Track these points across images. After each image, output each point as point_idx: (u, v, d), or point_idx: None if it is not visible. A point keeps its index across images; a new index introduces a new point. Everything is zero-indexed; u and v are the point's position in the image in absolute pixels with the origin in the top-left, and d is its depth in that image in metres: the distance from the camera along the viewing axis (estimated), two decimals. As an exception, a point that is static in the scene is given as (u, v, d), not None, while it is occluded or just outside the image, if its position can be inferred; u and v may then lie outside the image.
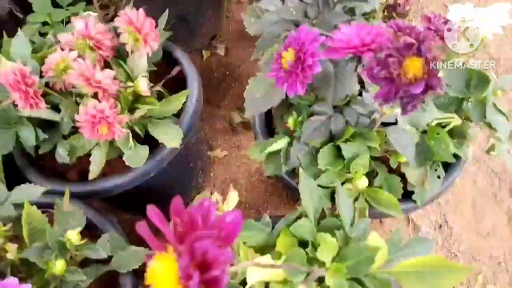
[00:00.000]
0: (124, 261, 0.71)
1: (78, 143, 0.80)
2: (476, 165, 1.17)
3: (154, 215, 0.33)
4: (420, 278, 0.52)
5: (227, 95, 1.33)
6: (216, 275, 0.29)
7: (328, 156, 0.67)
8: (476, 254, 1.04)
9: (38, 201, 0.68)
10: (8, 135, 0.77)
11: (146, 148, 0.79)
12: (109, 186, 0.81)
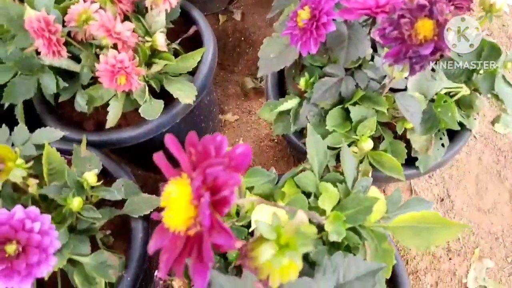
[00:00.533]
0: (136, 207, 0.75)
1: (96, 94, 0.83)
2: (483, 143, 1.18)
3: (171, 143, 0.35)
4: (416, 233, 0.55)
5: (241, 61, 1.35)
6: (226, 195, 0.32)
7: (337, 118, 0.70)
8: (475, 228, 1.06)
9: (57, 148, 0.71)
10: (30, 81, 0.80)
11: (161, 102, 0.82)
12: (124, 137, 0.84)
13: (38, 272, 0.53)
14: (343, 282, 0.50)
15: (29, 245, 0.53)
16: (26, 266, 0.52)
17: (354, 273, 0.51)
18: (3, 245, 0.52)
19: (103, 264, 0.68)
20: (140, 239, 0.75)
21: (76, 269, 0.67)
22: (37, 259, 0.53)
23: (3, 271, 0.52)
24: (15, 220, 0.53)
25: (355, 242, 0.54)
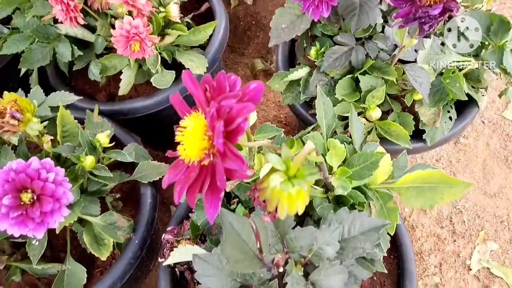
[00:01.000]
0: (146, 173, 0.76)
1: (110, 63, 0.84)
2: (492, 129, 1.18)
3: (188, 78, 0.37)
4: (420, 193, 0.55)
5: (251, 44, 1.36)
6: (239, 122, 0.33)
7: (346, 87, 0.71)
8: (480, 212, 1.07)
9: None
10: (46, 49, 0.82)
11: (173, 73, 0.83)
12: (135, 106, 0.86)
13: (51, 221, 0.55)
14: (347, 237, 0.52)
15: (44, 194, 0.55)
16: (40, 214, 0.54)
17: (358, 229, 0.52)
18: (19, 193, 0.54)
19: (112, 225, 0.70)
20: (149, 204, 0.76)
21: (85, 229, 0.69)
22: (51, 208, 0.54)
23: (18, 218, 0.53)
24: (31, 169, 0.54)
25: (361, 201, 0.55)
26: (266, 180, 0.36)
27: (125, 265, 0.71)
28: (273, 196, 0.36)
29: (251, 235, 0.44)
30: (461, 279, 0.98)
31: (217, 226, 0.63)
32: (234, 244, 0.42)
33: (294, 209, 0.36)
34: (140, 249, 0.73)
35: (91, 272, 0.73)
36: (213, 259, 0.47)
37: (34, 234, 0.55)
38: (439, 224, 1.05)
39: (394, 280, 0.70)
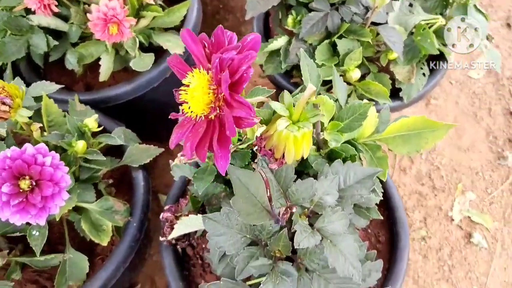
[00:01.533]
0: (136, 157, 0.77)
1: (86, 51, 0.84)
2: (459, 88, 1.24)
3: (188, 35, 0.38)
4: (406, 140, 0.59)
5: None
6: (243, 70, 0.35)
7: (325, 52, 0.73)
8: (456, 166, 1.12)
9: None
10: (20, 41, 0.80)
11: (152, 55, 0.83)
12: (117, 93, 0.86)
13: (52, 206, 0.55)
14: (344, 187, 0.54)
15: (42, 179, 0.54)
16: (41, 199, 0.54)
17: (353, 178, 0.54)
18: (17, 181, 0.54)
19: (109, 210, 0.70)
20: (142, 187, 0.77)
21: (83, 217, 0.69)
22: (51, 192, 0.54)
23: (19, 205, 0.53)
24: (27, 155, 0.54)
25: (352, 153, 0.58)
26: (272, 127, 0.38)
27: (126, 249, 0.71)
28: (280, 141, 0.38)
29: (259, 189, 0.46)
30: (445, 230, 1.04)
31: (216, 196, 0.65)
32: (244, 198, 0.44)
33: (300, 152, 0.38)
34: (139, 231, 0.73)
35: (92, 260, 0.73)
36: (222, 218, 0.48)
37: (36, 220, 0.55)
38: (419, 181, 1.10)
39: (387, 230, 0.74)
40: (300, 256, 0.50)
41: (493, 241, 1.02)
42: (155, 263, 1.01)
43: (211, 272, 0.72)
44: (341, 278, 0.48)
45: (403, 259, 0.68)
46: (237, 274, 0.49)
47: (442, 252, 1.01)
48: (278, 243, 0.48)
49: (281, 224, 0.48)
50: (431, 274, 0.98)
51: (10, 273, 0.68)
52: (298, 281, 0.48)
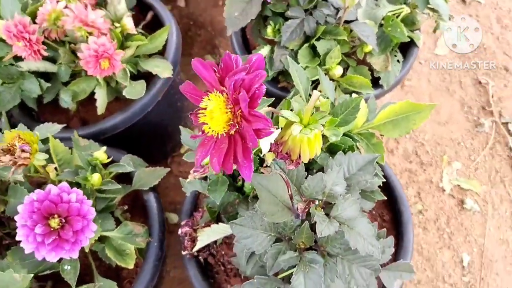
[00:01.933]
0: (145, 180, 0.80)
1: (79, 88, 0.87)
2: (427, 66, 1.32)
3: (199, 63, 0.42)
4: (396, 124, 0.65)
5: (196, 43, 1.41)
6: (256, 87, 0.39)
7: (306, 55, 0.78)
8: (439, 139, 1.20)
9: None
10: (13, 89, 0.83)
11: (143, 82, 0.87)
12: (114, 123, 0.89)
13: (83, 239, 0.59)
14: (348, 176, 0.59)
15: (71, 215, 0.58)
16: (73, 234, 0.57)
17: (355, 166, 0.60)
18: (47, 221, 0.57)
19: (130, 234, 0.73)
20: (155, 208, 0.81)
21: (106, 245, 0.72)
22: (81, 226, 0.58)
23: (53, 243, 0.56)
24: (52, 195, 0.57)
25: (349, 144, 0.63)
26: (286, 133, 0.43)
27: (152, 268, 0.75)
28: (295, 144, 0.43)
29: (278, 189, 0.50)
30: (439, 201, 1.10)
31: (231, 204, 0.69)
32: (267, 200, 0.49)
33: (314, 151, 0.43)
34: (161, 250, 0.77)
35: (121, 285, 0.76)
36: (247, 221, 0.53)
37: (70, 255, 0.58)
38: (407, 159, 1.17)
39: (389, 210, 0.79)
40: (322, 244, 0.54)
41: (484, 203, 1.09)
42: (172, 279, 1.04)
43: (235, 276, 0.76)
44: (361, 257, 0.54)
45: (408, 232, 0.74)
46: (268, 270, 0.53)
47: (440, 221, 1.08)
48: (301, 235, 0.52)
49: (301, 218, 0.53)
50: (433, 244, 1.05)
51: (45, 311, 0.71)
52: (325, 266, 0.53)
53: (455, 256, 1.03)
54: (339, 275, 0.53)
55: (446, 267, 1.02)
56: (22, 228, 0.56)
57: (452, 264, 1.02)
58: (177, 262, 1.05)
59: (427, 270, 1.02)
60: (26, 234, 0.56)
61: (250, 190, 0.68)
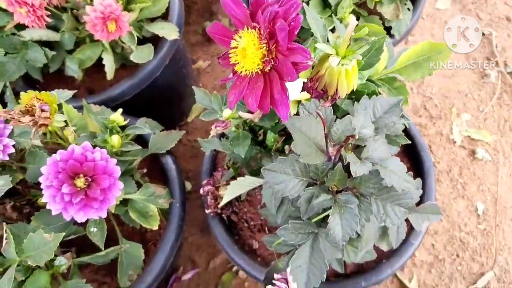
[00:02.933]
0: (161, 144, 0.79)
1: (84, 55, 0.85)
2: (431, 21, 1.30)
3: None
4: (417, 66, 0.64)
5: (192, 11, 1.38)
6: (292, 18, 0.38)
7: (317, 5, 0.77)
8: (446, 92, 1.19)
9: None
10: (17, 59, 0.81)
11: (150, 45, 0.85)
12: (122, 90, 0.87)
13: (111, 197, 0.58)
14: (375, 120, 0.59)
15: (97, 174, 0.57)
16: (101, 192, 0.56)
17: (380, 110, 0.59)
18: (73, 180, 0.56)
19: (152, 196, 0.73)
20: (174, 170, 0.80)
21: (129, 207, 0.72)
22: (108, 183, 0.57)
23: (81, 202, 0.56)
24: (76, 154, 0.56)
25: (372, 89, 0.62)
26: (323, 67, 0.42)
27: (176, 228, 0.74)
28: (332, 78, 0.42)
29: (311, 132, 0.50)
30: (450, 153, 1.11)
31: (253, 159, 0.69)
32: (301, 142, 0.48)
33: (351, 85, 0.42)
34: (183, 210, 0.77)
35: (145, 247, 0.76)
36: (279, 167, 0.52)
37: (99, 214, 0.57)
38: (416, 114, 1.17)
39: (409, 158, 0.79)
40: (355, 186, 0.54)
41: (495, 152, 1.10)
42: (190, 245, 1.04)
43: (259, 231, 0.76)
44: (395, 196, 0.53)
45: (430, 178, 0.74)
46: (302, 214, 0.53)
47: (452, 173, 1.08)
48: (334, 178, 0.52)
49: (333, 161, 0.52)
50: (447, 195, 1.06)
51: (72, 276, 0.71)
52: (359, 207, 0.53)
53: (469, 205, 1.04)
54: (374, 214, 0.53)
55: (462, 216, 1.03)
56: (47, 189, 0.55)
57: (467, 213, 1.04)
58: (194, 228, 1.05)
59: (443, 221, 1.03)
60: (53, 194, 0.55)
61: (273, 144, 0.68)
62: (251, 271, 0.71)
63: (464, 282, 0.98)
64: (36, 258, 0.55)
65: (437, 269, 0.99)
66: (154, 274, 0.72)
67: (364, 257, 0.67)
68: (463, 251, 1.01)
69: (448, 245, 1.01)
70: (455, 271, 0.99)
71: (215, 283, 1.00)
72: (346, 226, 0.51)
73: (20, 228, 0.61)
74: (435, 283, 0.98)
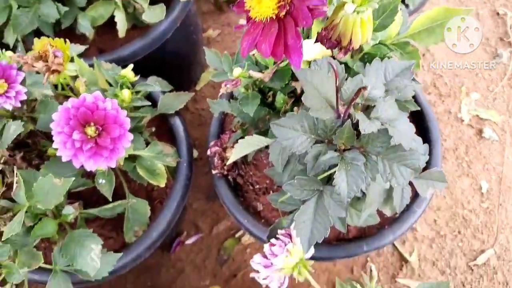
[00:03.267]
0: (170, 104, 0.80)
1: (96, 13, 0.85)
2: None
3: None
4: (430, 32, 0.63)
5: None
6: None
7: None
8: (457, 71, 1.18)
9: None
10: (30, 13, 0.81)
11: (162, 5, 0.85)
12: (133, 50, 0.87)
13: (120, 147, 0.59)
14: (385, 82, 0.59)
15: (107, 123, 0.57)
16: (111, 141, 0.57)
17: (392, 73, 0.59)
18: (83, 128, 0.57)
19: (160, 154, 0.73)
20: (182, 131, 0.81)
21: (137, 163, 0.72)
22: (118, 133, 0.58)
23: (91, 150, 0.56)
24: (88, 102, 0.57)
25: (384, 53, 0.62)
26: (338, 15, 0.42)
27: (183, 187, 0.75)
28: (347, 27, 0.42)
29: (322, 86, 0.50)
30: (457, 131, 1.11)
31: (262, 120, 0.69)
32: (312, 95, 0.49)
33: (365, 35, 0.42)
34: (190, 170, 0.77)
35: (151, 205, 0.77)
36: (288, 122, 0.53)
37: (108, 163, 0.58)
38: (426, 91, 1.16)
39: (416, 127, 0.79)
40: (363, 145, 0.54)
41: (503, 133, 1.10)
42: (195, 210, 1.06)
43: (264, 194, 0.77)
44: (402, 156, 0.54)
45: (437, 149, 0.74)
46: (309, 171, 0.54)
47: (459, 151, 1.08)
48: (342, 135, 0.52)
49: (342, 119, 0.53)
50: (452, 172, 1.06)
51: (79, 228, 0.72)
52: (365, 166, 0.53)
53: (474, 184, 1.05)
54: (380, 173, 0.53)
55: (465, 194, 1.04)
56: (58, 135, 0.56)
57: (471, 191, 1.04)
58: (199, 194, 1.06)
59: (447, 197, 1.03)
60: (64, 140, 0.55)
61: (282, 105, 0.68)
62: (254, 231, 0.72)
63: (464, 258, 0.99)
64: (45, 203, 0.57)
65: (438, 244, 1.00)
66: (160, 231, 0.73)
67: (367, 220, 0.68)
68: (465, 228, 1.01)
69: (450, 221, 1.02)
70: (456, 247, 1.00)
71: (218, 248, 1.02)
72: (352, 183, 0.51)
73: (30, 174, 0.62)
74: (435, 258, 0.99)
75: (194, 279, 1.00)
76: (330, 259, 0.72)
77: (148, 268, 0.99)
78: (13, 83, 0.59)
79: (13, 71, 0.59)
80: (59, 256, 0.61)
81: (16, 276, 0.55)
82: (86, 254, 0.60)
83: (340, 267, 0.97)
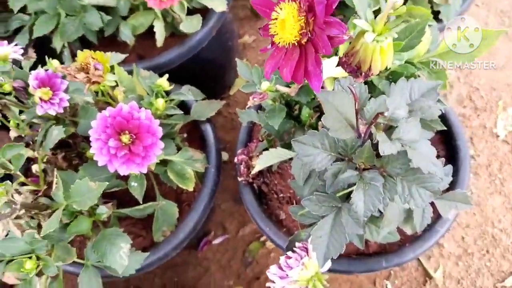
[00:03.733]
0: (202, 112, 0.83)
1: (137, 22, 0.89)
2: (486, 9, 1.25)
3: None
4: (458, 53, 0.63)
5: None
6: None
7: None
8: (494, 84, 1.15)
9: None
10: (76, 21, 0.86)
11: (199, 16, 0.88)
12: (170, 58, 0.91)
13: (152, 155, 0.62)
14: (410, 102, 0.59)
15: (141, 132, 0.61)
16: (143, 149, 0.61)
17: (417, 92, 0.59)
18: (119, 136, 0.61)
19: (190, 159, 0.77)
20: (212, 138, 0.84)
21: (168, 168, 0.76)
22: (150, 142, 0.61)
23: (125, 156, 0.60)
24: (124, 112, 0.61)
25: (411, 71, 0.62)
26: (358, 43, 0.43)
27: (210, 192, 0.79)
28: (367, 54, 0.43)
29: (343, 107, 0.51)
30: (492, 147, 1.08)
31: (287, 132, 0.71)
32: (332, 116, 0.50)
33: (385, 62, 0.44)
34: (218, 176, 0.81)
35: (180, 207, 0.81)
36: (309, 140, 0.54)
37: (140, 169, 0.62)
38: (461, 104, 1.14)
39: (445, 146, 0.79)
40: (382, 165, 0.55)
41: (540, 150, 1.06)
42: (223, 211, 1.09)
43: (287, 203, 0.79)
44: (422, 178, 0.54)
45: (465, 169, 0.74)
46: (328, 188, 0.55)
47: (492, 167, 1.06)
48: (362, 155, 0.54)
49: (362, 139, 0.54)
50: (483, 189, 1.04)
51: (111, 225, 0.77)
52: (384, 186, 0.54)
53: (506, 202, 1.02)
54: (399, 194, 0.54)
55: (497, 212, 1.01)
56: (96, 141, 0.60)
57: (503, 209, 1.01)
58: (228, 196, 1.10)
59: (477, 215, 1.02)
60: (100, 147, 0.60)
61: (307, 119, 0.70)
62: (275, 239, 0.74)
63: (492, 279, 0.97)
64: (81, 203, 0.61)
65: (465, 262, 0.99)
66: (186, 232, 0.77)
67: (387, 237, 0.69)
68: (494, 248, 0.99)
69: (479, 239, 1.00)
70: (483, 267, 0.98)
71: (243, 250, 1.05)
72: (369, 202, 0.53)
73: (68, 175, 0.67)
74: (460, 276, 0.98)
75: (219, 278, 1.03)
76: (348, 272, 0.73)
77: (175, 265, 1.03)
78: (57, 90, 0.64)
79: (57, 79, 0.64)
80: (91, 252, 0.66)
81: (52, 269, 0.60)
82: (116, 252, 0.65)
83: (362, 278, 0.98)
